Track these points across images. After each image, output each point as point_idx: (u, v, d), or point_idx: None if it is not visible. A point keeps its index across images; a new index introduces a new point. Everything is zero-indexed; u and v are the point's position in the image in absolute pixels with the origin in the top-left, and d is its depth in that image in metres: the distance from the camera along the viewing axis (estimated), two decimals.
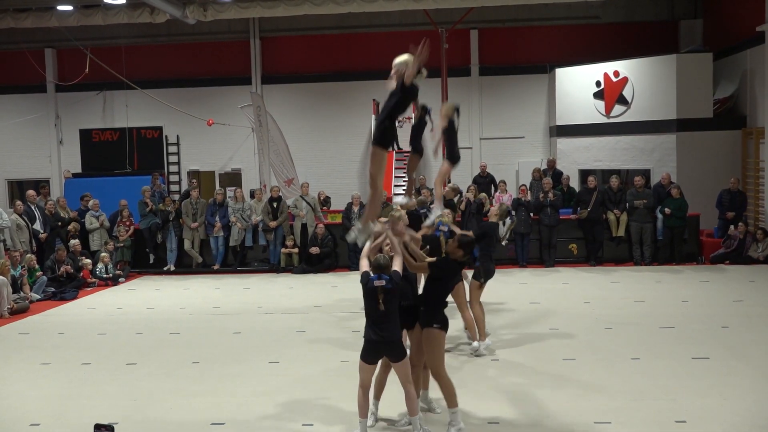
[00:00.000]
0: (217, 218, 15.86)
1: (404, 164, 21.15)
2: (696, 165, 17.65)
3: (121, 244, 15.85)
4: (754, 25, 16.45)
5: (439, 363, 6.32)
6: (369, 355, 6.19)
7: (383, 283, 6.07)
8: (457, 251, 6.43)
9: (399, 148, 21.56)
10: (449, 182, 15.99)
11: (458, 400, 6.33)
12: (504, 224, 10.68)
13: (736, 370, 7.99)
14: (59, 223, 15.41)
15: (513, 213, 10.65)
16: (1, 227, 13.59)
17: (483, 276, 9.17)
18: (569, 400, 7.15)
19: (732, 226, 15.28)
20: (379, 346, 6.13)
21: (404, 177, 20.89)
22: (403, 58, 6.45)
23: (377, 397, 6.63)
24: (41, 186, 16.92)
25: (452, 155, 9.26)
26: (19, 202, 14.65)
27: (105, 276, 14.80)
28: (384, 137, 6.54)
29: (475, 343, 8.88)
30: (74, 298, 13.47)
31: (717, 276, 13.90)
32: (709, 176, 17.24)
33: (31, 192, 15.44)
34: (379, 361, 6.34)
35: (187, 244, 16.10)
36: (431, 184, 19.37)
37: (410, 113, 21.56)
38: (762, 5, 16.12)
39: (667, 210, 15.01)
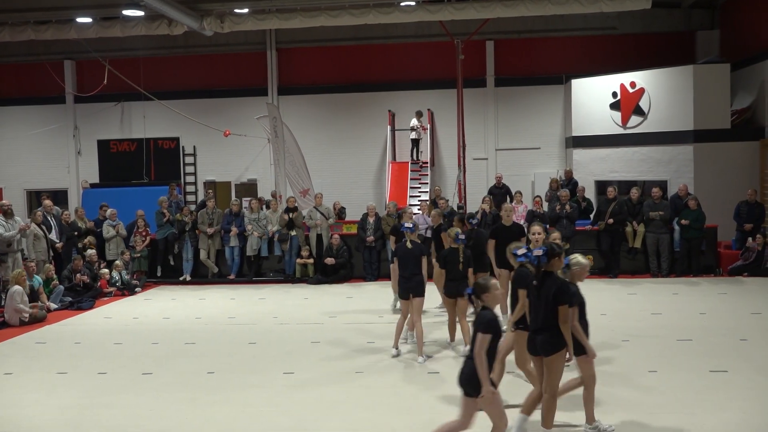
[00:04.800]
0: (233, 226, 15.92)
1: (420, 175, 21.23)
2: (713, 176, 17.53)
3: (138, 254, 15.95)
4: None
5: (523, 359, 7.16)
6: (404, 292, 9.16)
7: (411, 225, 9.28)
8: (559, 262, 6.32)
9: (416, 159, 21.63)
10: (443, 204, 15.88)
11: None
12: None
13: (756, 384, 7.89)
14: (76, 233, 15.53)
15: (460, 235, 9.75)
16: (11, 238, 13.47)
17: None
18: None
19: (750, 238, 15.12)
20: (409, 283, 9.06)
21: (420, 188, 20.93)
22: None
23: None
24: (43, 196, 16.80)
25: None
26: (38, 212, 14.74)
27: (118, 279, 14.87)
28: None
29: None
30: (91, 307, 13.55)
31: (735, 288, 13.76)
32: (727, 187, 17.09)
33: (47, 202, 15.55)
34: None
35: (203, 255, 16.16)
36: (446, 195, 19.43)
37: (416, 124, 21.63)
38: None
39: (684, 220, 14.86)
